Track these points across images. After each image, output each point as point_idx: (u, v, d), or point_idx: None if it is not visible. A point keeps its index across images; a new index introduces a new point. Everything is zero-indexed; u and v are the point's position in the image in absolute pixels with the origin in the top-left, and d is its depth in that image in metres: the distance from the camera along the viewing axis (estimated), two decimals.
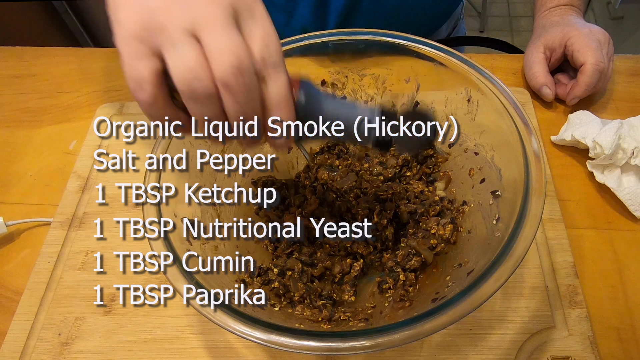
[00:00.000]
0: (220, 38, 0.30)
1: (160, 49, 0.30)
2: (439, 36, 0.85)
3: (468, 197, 0.51)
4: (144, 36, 0.30)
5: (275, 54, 0.32)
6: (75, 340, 0.51)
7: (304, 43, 0.51)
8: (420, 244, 0.48)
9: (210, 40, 0.30)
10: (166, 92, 0.32)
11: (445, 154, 0.54)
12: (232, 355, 0.49)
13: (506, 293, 0.50)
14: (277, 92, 0.33)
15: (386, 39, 0.51)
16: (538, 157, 0.42)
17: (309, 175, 0.56)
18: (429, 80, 0.53)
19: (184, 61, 0.30)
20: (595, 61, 0.62)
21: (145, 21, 0.30)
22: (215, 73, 0.30)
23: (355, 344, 0.35)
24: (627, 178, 0.57)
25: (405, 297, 0.46)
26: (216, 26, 0.30)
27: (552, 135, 0.64)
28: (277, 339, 0.35)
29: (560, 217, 0.56)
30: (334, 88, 0.57)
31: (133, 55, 0.30)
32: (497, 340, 0.48)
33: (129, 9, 0.31)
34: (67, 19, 1.52)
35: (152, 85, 0.31)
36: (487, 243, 0.43)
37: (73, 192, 0.62)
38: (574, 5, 0.71)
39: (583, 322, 0.48)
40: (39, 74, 0.78)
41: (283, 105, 0.33)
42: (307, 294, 0.47)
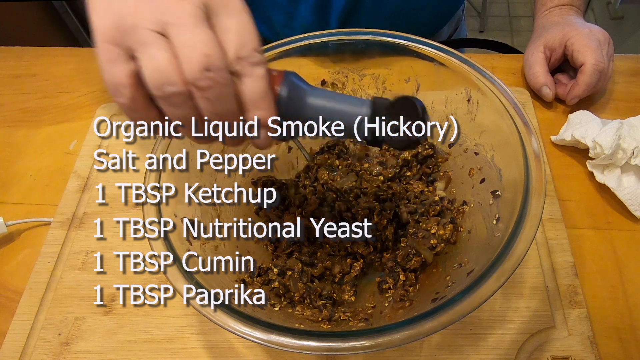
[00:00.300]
0: (190, 36, 0.29)
1: (133, 51, 0.30)
2: (441, 37, 0.85)
3: (468, 197, 0.51)
4: (117, 39, 0.30)
5: (250, 48, 0.31)
6: (75, 340, 0.51)
7: (304, 43, 0.51)
8: (420, 244, 0.48)
9: (180, 39, 0.29)
10: (145, 94, 0.31)
11: (445, 154, 0.55)
12: (232, 355, 0.49)
13: (506, 293, 0.50)
14: (253, 88, 0.31)
15: (386, 39, 0.51)
16: (538, 157, 0.42)
17: (309, 175, 0.56)
18: (429, 80, 0.53)
19: (154, 62, 0.29)
20: (595, 61, 0.62)
21: (117, 24, 0.30)
22: (185, 73, 0.29)
23: (355, 344, 0.35)
24: (627, 178, 0.57)
25: (405, 297, 0.46)
26: (186, 24, 0.29)
27: (552, 135, 0.64)
28: (277, 339, 0.35)
29: (560, 217, 0.56)
30: (334, 88, 0.57)
31: (108, 59, 0.30)
32: (497, 340, 0.48)
33: (102, 13, 0.30)
34: (67, 19, 1.53)
35: (130, 88, 0.30)
36: (487, 243, 0.43)
37: (73, 192, 0.62)
38: (574, 5, 0.71)
39: (583, 322, 0.48)
40: (39, 74, 0.78)
41: (260, 102, 0.32)
42: (307, 294, 0.47)
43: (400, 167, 0.56)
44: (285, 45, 0.51)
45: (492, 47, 0.80)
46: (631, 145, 0.56)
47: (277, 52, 0.51)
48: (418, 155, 0.55)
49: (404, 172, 0.56)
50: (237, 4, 0.31)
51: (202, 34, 0.29)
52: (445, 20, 0.82)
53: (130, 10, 0.29)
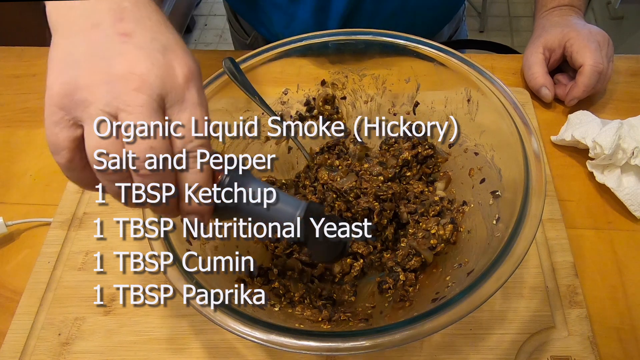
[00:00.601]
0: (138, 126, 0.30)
1: (80, 121, 0.31)
2: (441, 38, 0.85)
3: (468, 197, 0.51)
4: (66, 106, 0.31)
5: (197, 143, 0.32)
6: (75, 340, 0.51)
7: (304, 43, 0.51)
8: (420, 244, 0.48)
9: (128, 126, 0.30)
10: (82, 158, 0.32)
11: (445, 154, 0.55)
12: (232, 355, 0.49)
13: (506, 293, 0.50)
14: (192, 181, 0.33)
15: (386, 39, 0.51)
16: (538, 157, 0.42)
17: (309, 175, 0.56)
18: (429, 80, 0.53)
19: (99, 141, 0.31)
20: (594, 62, 0.62)
21: (70, 92, 0.31)
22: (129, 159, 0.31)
23: (355, 344, 0.35)
24: (627, 178, 0.57)
25: (405, 297, 0.46)
26: (136, 113, 0.30)
27: (552, 135, 0.64)
28: (277, 339, 0.35)
29: (560, 217, 0.56)
30: (334, 88, 0.57)
31: (53, 121, 0.32)
32: (497, 340, 0.48)
33: (57, 76, 0.32)
34: None
35: (68, 151, 0.32)
36: (487, 243, 0.43)
37: (73, 192, 0.62)
38: (575, 6, 0.71)
39: (583, 322, 0.48)
40: (39, 74, 0.78)
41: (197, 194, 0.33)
42: (307, 294, 0.47)
43: (400, 167, 0.56)
44: (285, 46, 0.51)
45: (492, 48, 0.80)
46: (631, 146, 0.56)
47: (277, 52, 0.51)
48: (418, 156, 0.55)
49: (404, 172, 0.56)
50: (194, 99, 0.33)
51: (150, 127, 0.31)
52: (445, 21, 0.82)
53: (86, 86, 0.31)
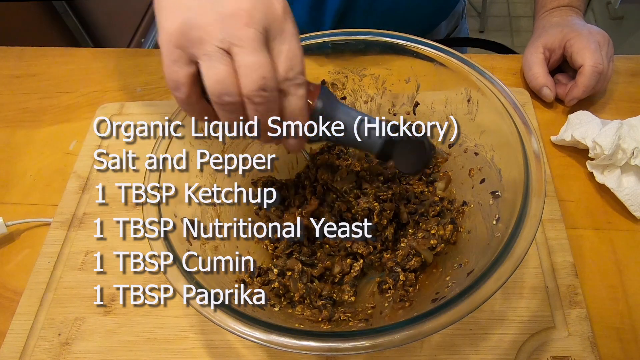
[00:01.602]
0: (250, 58, 0.34)
1: (197, 58, 0.34)
2: (438, 35, 0.85)
3: (468, 197, 0.51)
4: (183, 45, 0.34)
5: (297, 71, 0.36)
6: (75, 340, 0.51)
7: (303, 43, 0.51)
8: (420, 244, 0.48)
9: (241, 59, 0.34)
10: (199, 92, 0.36)
11: (445, 154, 0.54)
12: (232, 355, 0.49)
13: (506, 293, 0.50)
14: (294, 106, 0.37)
15: (386, 39, 0.51)
16: (538, 158, 0.42)
17: (309, 175, 0.56)
18: (429, 80, 0.53)
19: (217, 74, 0.34)
20: (594, 63, 0.62)
21: (185, 32, 0.34)
22: (242, 88, 0.34)
23: (355, 344, 0.35)
24: (627, 178, 0.57)
25: (405, 297, 0.46)
26: (248, 47, 0.34)
27: (552, 136, 0.64)
28: (277, 339, 0.35)
29: (560, 217, 0.56)
30: (334, 88, 0.57)
31: (172, 60, 0.35)
32: (497, 341, 0.48)
33: (170, 16, 0.35)
34: (67, 19, 1.53)
35: (187, 87, 0.35)
36: (487, 243, 0.43)
37: (73, 192, 0.62)
38: (574, 6, 0.71)
39: (583, 322, 0.48)
40: (39, 74, 0.78)
41: (298, 116, 0.38)
42: (307, 294, 0.47)
43: None
44: None
45: (490, 47, 0.80)
46: (631, 146, 0.56)
47: None
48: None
49: None
50: (291, 30, 0.37)
51: (261, 57, 0.34)
52: (440, 18, 0.82)
53: (201, 24, 0.34)
